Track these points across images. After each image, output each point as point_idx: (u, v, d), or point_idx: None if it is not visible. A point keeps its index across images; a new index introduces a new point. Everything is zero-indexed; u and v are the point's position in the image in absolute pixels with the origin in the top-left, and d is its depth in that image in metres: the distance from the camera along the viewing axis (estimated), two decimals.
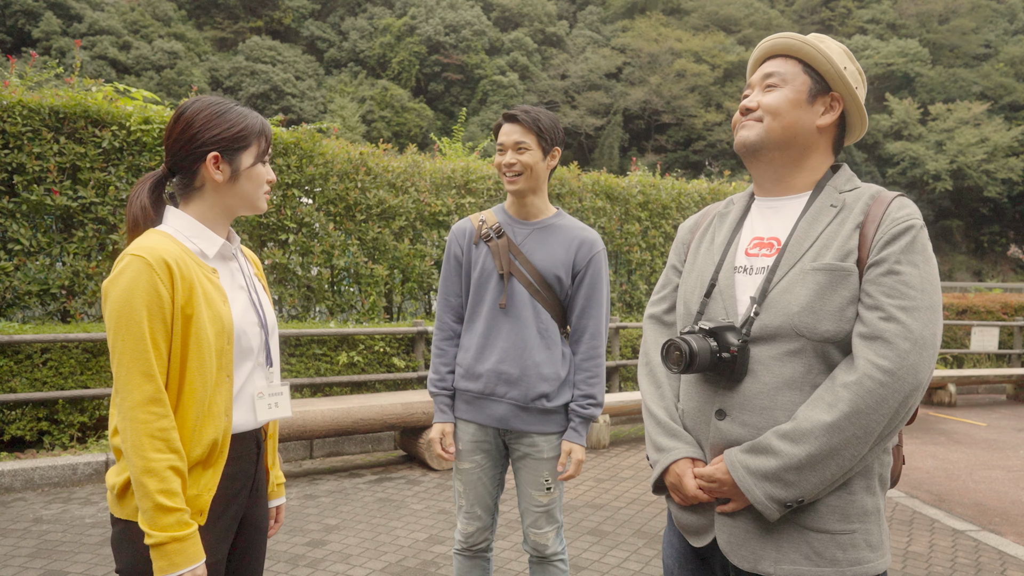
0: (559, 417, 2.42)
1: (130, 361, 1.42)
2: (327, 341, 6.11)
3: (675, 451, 1.59)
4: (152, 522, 1.41)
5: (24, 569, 3.37)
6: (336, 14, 47.25)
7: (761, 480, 1.43)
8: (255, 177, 1.62)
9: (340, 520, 4.18)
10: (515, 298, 2.38)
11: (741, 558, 1.49)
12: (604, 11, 50.49)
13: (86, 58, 34.87)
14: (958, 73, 41.09)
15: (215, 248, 1.59)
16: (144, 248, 1.45)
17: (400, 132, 38.46)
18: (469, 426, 2.43)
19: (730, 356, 1.48)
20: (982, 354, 10.84)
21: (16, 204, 5.29)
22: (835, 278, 1.44)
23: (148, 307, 1.43)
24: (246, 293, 1.65)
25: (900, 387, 1.37)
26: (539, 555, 2.46)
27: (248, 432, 1.62)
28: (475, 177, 7.45)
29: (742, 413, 1.49)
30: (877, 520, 1.47)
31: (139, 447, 1.41)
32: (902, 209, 1.46)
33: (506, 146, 2.35)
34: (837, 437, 1.38)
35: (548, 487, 2.40)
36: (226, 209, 1.62)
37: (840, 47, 1.59)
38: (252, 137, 1.59)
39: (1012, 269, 37.21)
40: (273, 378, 1.69)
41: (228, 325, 1.54)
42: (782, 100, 1.55)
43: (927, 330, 1.39)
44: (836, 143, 1.62)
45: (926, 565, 3.86)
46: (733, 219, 1.68)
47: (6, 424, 4.96)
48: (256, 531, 1.70)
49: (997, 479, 5.80)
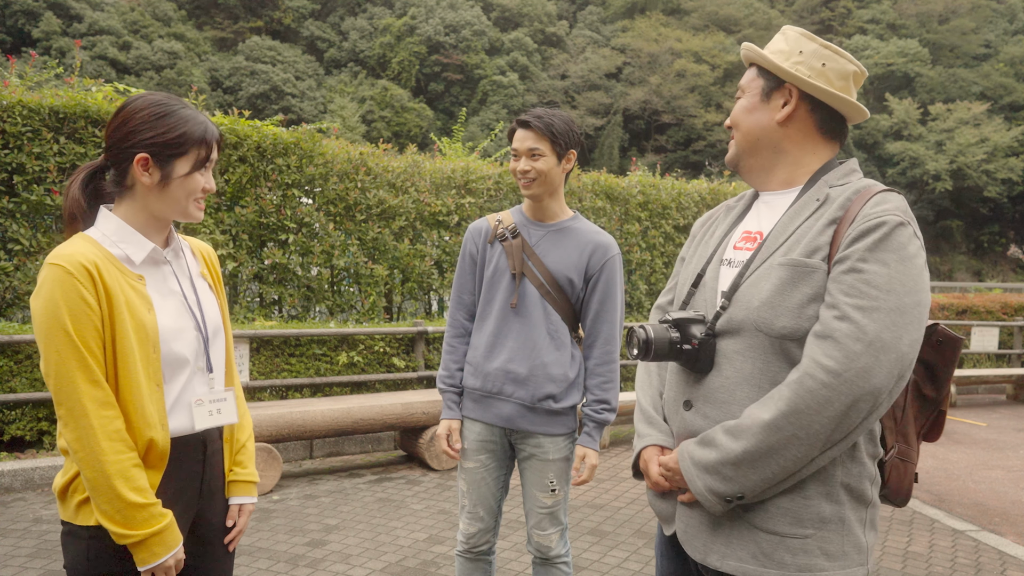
0: (566, 419, 2.41)
1: (70, 370, 1.40)
2: (327, 341, 6.11)
3: (647, 437, 1.64)
4: (127, 521, 1.42)
5: (24, 569, 3.37)
6: (336, 14, 47.23)
7: (703, 472, 1.44)
8: (187, 186, 1.54)
9: (340, 520, 4.18)
10: (526, 298, 2.38)
11: (693, 548, 1.51)
12: (604, 11, 50.47)
13: (86, 58, 34.86)
14: (958, 73, 41.07)
15: (143, 253, 1.54)
16: (63, 256, 1.42)
17: (400, 132, 38.44)
18: (475, 425, 2.43)
19: (691, 348, 1.50)
20: (982, 354, 10.83)
21: (16, 204, 5.29)
22: (797, 274, 1.41)
23: (73, 315, 1.40)
24: (179, 298, 1.59)
25: (847, 390, 1.31)
26: (543, 557, 2.46)
27: (189, 436, 1.58)
28: (475, 177, 7.44)
29: (705, 405, 1.51)
30: (839, 530, 1.41)
31: (99, 452, 1.40)
32: (879, 205, 1.40)
33: (520, 152, 2.36)
34: (775, 436, 1.35)
35: (553, 488, 2.40)
36: (154, 214, 1.55)
37: (797, 32, 1.57)
38: (189, 145, 1.52)
39: (1012, 269, 37.20)
40: (215, 384, 1.63)
41: (152, 333, 1.49)
42: (739, 110, 1.61)
43: (887, 332, 1.31)
44: (822, 129, 1.56)
45: (926, 565, 3.86)
46: (736, 213, 1.69)
47: (6, 424, 4.96)
48: (211, 530, 1.68)
49: (997, 479, 5.80)
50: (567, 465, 2.44)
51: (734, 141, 1.62)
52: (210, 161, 1.57)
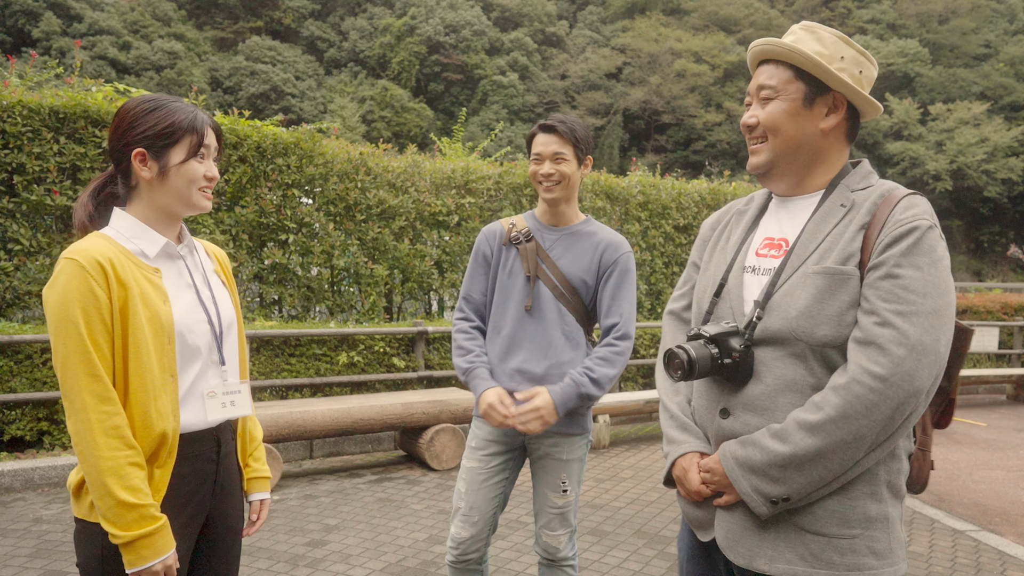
0: (582, 419, 2.41)
1: (74, 363, 1.42)
2: (327, 341, 6.11)
3: (684, 444, 1.60)
4: (117, 520, 1.41)
5: (24, 569, 3.37)
6: (336, 14, 47.23)
7: (748, 472, 1.44)
8: (186, 174, 1.57)
9: (340, 520, 4.18)
10: (541, 301, 2.39)
11: (737, 554, 1.49)
12: (604, 11, 50.48)
13: (86, 58, 34.86)
14: (958, 73, 41.07)
15: (156, 248, 1.58)
16: (77, 251, 1.47)
17: (400, 132, 38.44)
18: (488, 424, 2.41)
19: (732, 362, 1.48)
20: (982, 354, 10.83)
21: (16, 204, 5.29)
22: (834, 282, 1.42)
23: (84, 309, 1.43)
24: (193, 291, 1.62)
25: (893, 394, 1.33)
26: (550, 558, 2.44)
27: (202, 431, 1.60)
28: (475, 177, 7.44)
29: (744, 413, 1.50)
30: (885, 528, 1.44)
31: (95, 447, 1.41)
32: (908, 210, 1.42)
33: (544, 156, 2.37)
34: (823, 440, 1.36)
35: (565, 489, 2.39)
36: (163, 207, 1.59)
37: (833, 35, 1.53)
38: (180, 133, 1.55)
39: (1012, 269, 37.19)
40: (228, 376, 1.66)
41: (168, 324, 1.52)
42: (778, 114, 1.52)
43: (927, 336, 1.34)
44: (850, 134, 1.58)
45: (926, 565, 3.86)
46: (750, 217, 1.67)
47: (6, 424, 4.96)
48: (225, 528, 1.68)
49: (997, 479, 5.80)
50: (580, 467, 2.43)
51: (767, 146, 1.54)
52: (205, 147, 1.60)
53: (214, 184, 1.64)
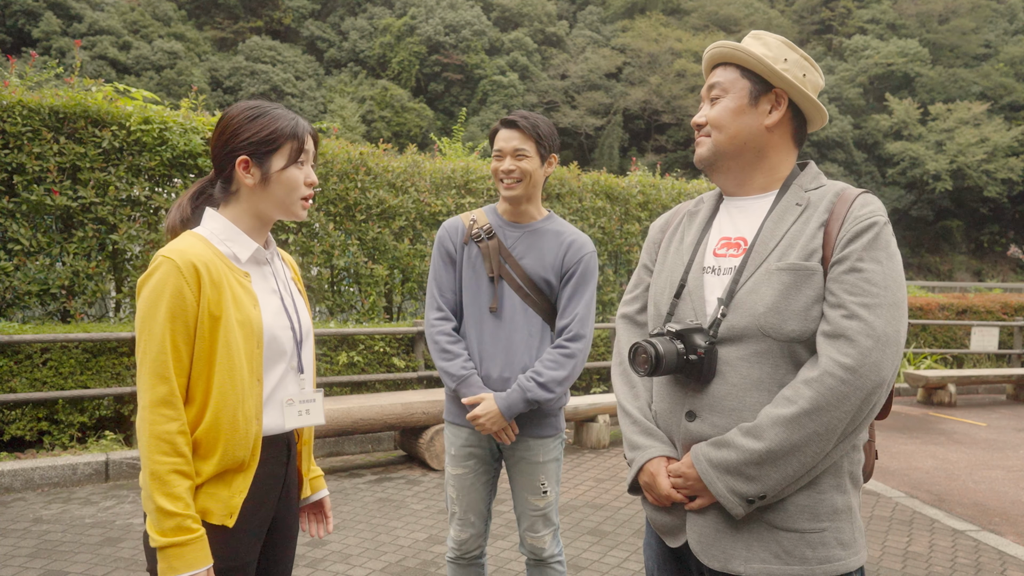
0: (554, 420, 2.40)
1: (148, 362, 1.44)
2: (327, 341, 6.11)
3: (650, 449, 1.59)
4: (155, 524, 1.42)
5: (24, 569, 3.37)
6: (336, 14, 47.23)
7: (723, 473, 1.44)
8: (287, 181, 1.60)
9: (340, 520, 4.18)
10: (505, 301, 2.35)
11: (711, 557, 1.49)
12: (604, 11, 50.47)
13: (86, 58, 34.86)
14: (958, 73, 41.07)
15: (248, 252, 1.60)
16: (175, 251, 1.48)
17: (400, 132, 38.43)
18: (462, 431, 2.40)
19: (697, 358, 1.49)
20: (982, 354, 10.83)
21: (16, 204, 5.29)
22: (799, 277, 1.45)
23: (171, 309, 1.44)
24: (278, 297, 1.64)
25: (862, 384, 1.37)
26: (536, 558, 2.45)
27: (278, 436, 1.61)
28: (475, 177, 7.45)
29: (711, 415, 1.50)
30: (849, 518, 1.47)
31: (146, 448, 1.42)
32: (865, 207, 1.47)
33: (504, 152, 2.33)
34: (797, 433, 1.38)
35: (544, 491, 2.38)
36: (260, 214, 1.62)
37: (778, 40, 1.60)
38: (282, 139, 1.58)
39: (1012, 269, 37.21)
40: (305, 384, 1.67)
41: (258, 328, 1.54)
42: (724, 111, 1.58)
43: (890, 327, 1.39)
44: (796, 136, 1.63)
45: (926, 565, 3.86)
46: (702, 219, 1.68)
47: (6, 424, 4.96)
48: (286, 533, 1.70)
49: (997, 479, 5.80)
50: (557, 466, 2.42)
51: (711, 141, 1.59)
52: (304, 153, 1.62)
53: (313, 191, 1.67)
